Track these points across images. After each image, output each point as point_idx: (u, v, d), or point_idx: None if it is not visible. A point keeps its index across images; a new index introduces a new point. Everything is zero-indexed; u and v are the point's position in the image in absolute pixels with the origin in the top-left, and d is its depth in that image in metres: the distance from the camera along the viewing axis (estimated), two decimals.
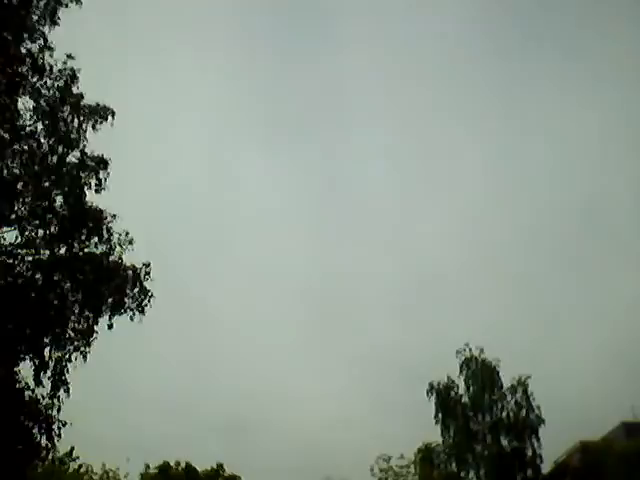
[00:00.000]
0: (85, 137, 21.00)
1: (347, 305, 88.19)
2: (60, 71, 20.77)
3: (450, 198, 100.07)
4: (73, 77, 20.92)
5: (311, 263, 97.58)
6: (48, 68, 20.53)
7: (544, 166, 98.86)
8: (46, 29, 20.49)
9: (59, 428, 19.81)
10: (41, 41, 20.37)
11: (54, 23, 20.65)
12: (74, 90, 20.98)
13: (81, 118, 20.98)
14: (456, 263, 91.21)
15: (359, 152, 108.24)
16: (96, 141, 21.33)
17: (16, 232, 20.00)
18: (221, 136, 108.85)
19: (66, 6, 20.84)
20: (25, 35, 20.00)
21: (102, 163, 21.09)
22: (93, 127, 21.18)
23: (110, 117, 21.41)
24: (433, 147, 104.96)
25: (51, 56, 20.62)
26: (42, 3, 20.48)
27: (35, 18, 20.25)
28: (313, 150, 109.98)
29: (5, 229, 20.00)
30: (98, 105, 21.41)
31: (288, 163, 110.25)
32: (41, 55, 20.38)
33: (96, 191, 21.02)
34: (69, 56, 20.93)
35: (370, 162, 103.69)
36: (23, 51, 20.13)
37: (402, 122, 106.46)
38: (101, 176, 21.09)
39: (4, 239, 19.96)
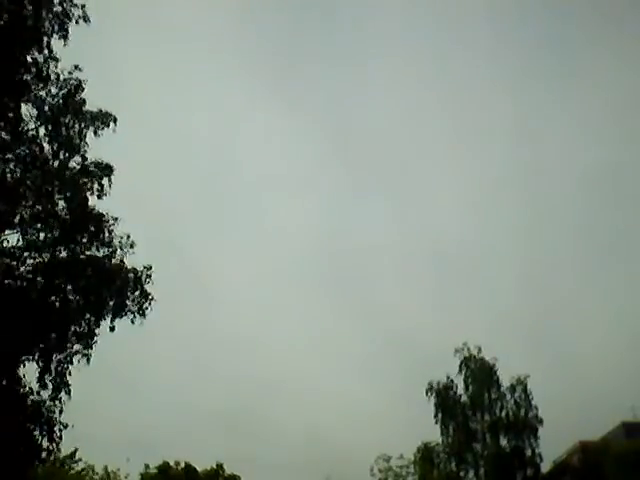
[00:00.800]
0: (86, 142, 21.09)
1: (357, 285, 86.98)
2: (65, 80, 20.84)
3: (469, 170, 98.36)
4: (78, 87, 21.01)
5: (321, 236, 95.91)
6: (54, 77, 20.59)
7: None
8: (53, 41, 20.52)
9: (60, 430, 19.84)
10: (46, 51, 20.36)
11: (64, 37, 20.70)
12: (77, 98, 21.02)
13: (82, 124, 21.02)
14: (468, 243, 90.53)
15: (376, 111, 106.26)
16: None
17: (18, 235, 20.06)
18: (225, 89, 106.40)
19: (76, 22, 20.89)
20: (32, 44, 20.00)
21: (106, 170, 21.16)
22: (95, 133, 21.30)
23: (112, 123, 21.50)
24: (456, 110, 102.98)
25: (56, 66, 20.66)
26: (51, 15, 20.47)
27: (43, 30, 20.24)
28: (327, 109, 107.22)
29: (7, 232, 20.03)
30: (100, 111, 21.52)
31: (297, 121, 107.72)
32: (46, 65, 20.38)
33: (98, 197, 21.10)
34: (76, 67, 21.04)
35: (388, 122, 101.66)
36: (29, 60, 20.15)
37: (423, 77, 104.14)
38: (104, 182, 21.17)
39: (7, 242, 20.03)
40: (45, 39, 20.29)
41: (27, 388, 19.66)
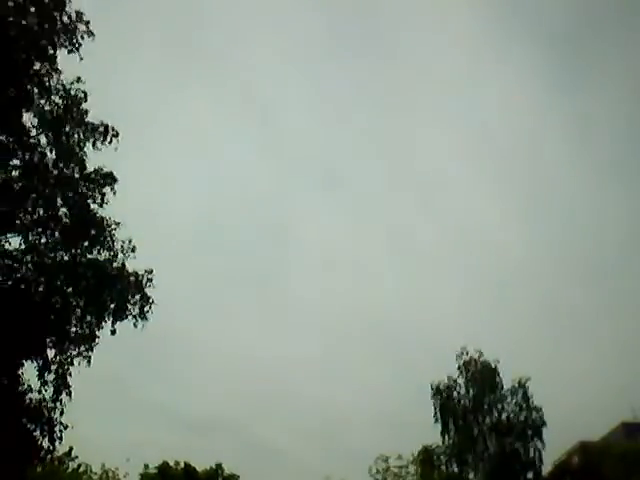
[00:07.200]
0: (84, 152, 21.04)
1: None
2: (67, 91, 20.78)
3: None
4: (81, 98, 20.95)
5: None
6: (55, 90, 20.59)
7: None
8: (58, 53, 20.57)
9: (61, 431, 20.13)
10: (49, 63, 20.40)
11: (70, 52, 20.76)
12: (80, 108, 20.99)
13: (82, 134, 20.93)
14: None
15: None
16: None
17: (19, 238, 20.21)
18: None
19: (81, 37, 20.90)
20: (34, 56, 20.08)
21: (109, 179, 21.18)
22: (93, 145, 21.12)
23: (113, 138, 21.28)
24: None
25: (59, 78, 20.69)
26: (57, 28, 20.48)
27: (48, 43, 20.33)
28: None
29: (9, 235, 20.17)
30: (102, 123, 21.28)
31: None
32: (48, 76, 20.43)
33: (100, 205, 21.12)
34: (78, 79, 20.97)
35: None
36: (32, 71, 20.20)
37: None
38: (105, 191, 21.13)
39: (9, 244, 20.16)
40: (50, 51, 20.33)
41: (25, 386, 19.85)
